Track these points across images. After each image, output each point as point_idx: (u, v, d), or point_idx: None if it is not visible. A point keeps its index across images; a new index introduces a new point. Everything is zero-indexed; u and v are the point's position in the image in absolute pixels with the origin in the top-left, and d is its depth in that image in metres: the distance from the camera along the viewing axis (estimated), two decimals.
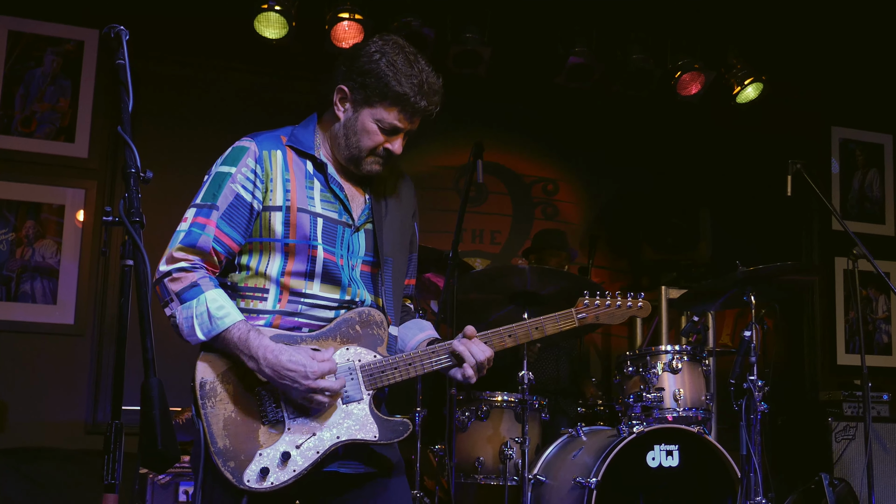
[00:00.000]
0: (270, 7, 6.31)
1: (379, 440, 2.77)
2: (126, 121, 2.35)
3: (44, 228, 6.25)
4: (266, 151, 2.87)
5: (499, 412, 5.19)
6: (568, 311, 3.11)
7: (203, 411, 2.67)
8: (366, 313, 2.87)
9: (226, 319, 2.67)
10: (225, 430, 2.66)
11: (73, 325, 6.23)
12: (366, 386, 2.80)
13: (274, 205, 2.83)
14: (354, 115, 2.90)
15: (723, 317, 7.70)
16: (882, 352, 8.10)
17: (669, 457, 4.88)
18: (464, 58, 6.90)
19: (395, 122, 2.88)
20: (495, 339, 2.96)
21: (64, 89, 6.41)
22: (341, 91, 2.91)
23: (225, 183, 2.82)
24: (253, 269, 2.84)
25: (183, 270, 2.72)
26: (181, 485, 5.06)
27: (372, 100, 2.86)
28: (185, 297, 2.69)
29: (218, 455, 2.62)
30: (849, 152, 8.28)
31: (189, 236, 2.77)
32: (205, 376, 2.71)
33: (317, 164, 2.94)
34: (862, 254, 5.41)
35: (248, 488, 2.61)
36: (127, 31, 2.44)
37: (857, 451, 6.69)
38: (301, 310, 2.82)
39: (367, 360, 2.82)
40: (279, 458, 2.65)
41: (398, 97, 2.84)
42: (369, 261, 2.97)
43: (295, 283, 2.82)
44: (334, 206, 2.92)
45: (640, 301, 3.26)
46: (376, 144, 2.89)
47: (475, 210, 7.29)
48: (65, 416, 6.10)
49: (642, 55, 7.16)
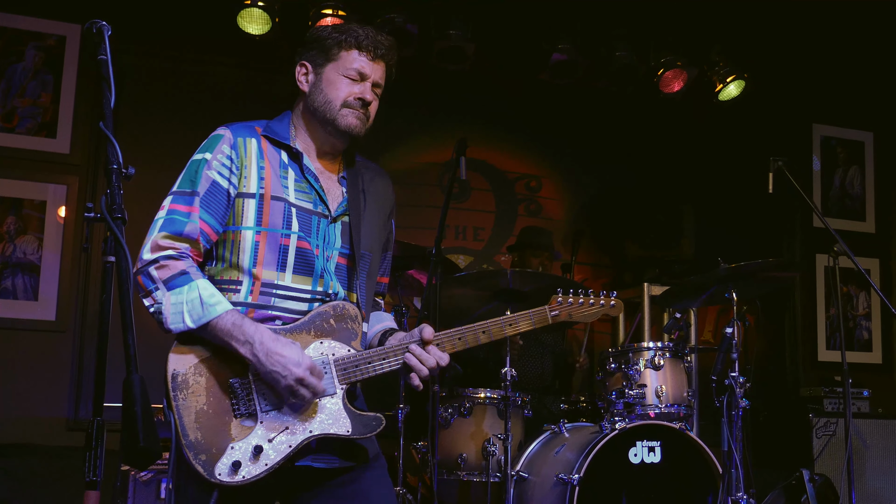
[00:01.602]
0: (254, 3, 6.30)
1: (352, 434, 2.76)
2: (108, 116, 2.35)
3: (25, 224, 6.22)
4: (241, 138, 2.88)
5: (482, 409, 5.20)
6: (542, 308, 3.15)
7: (175, 403, 2.64)
8: (340, 307, 2.87)
9: (217, 307, 2.66)
10: (197, 423, 2.64)
11: (55, 321, 6.21)
12: (339, 380, 2.79)
13: (248, 192, 2.83)
14: (318, 77, 2.97)
15: (705, 313, 7.73)
16: (862, 348, 8.14)
17: (651, 453, 4.90)
18: (448, 54, 6.90)
19: (360, 67, 2.95)
20: (470, 335, 2.96)
21: (46, 84, 6.38)
22: (302, 66, 3.01)
23: (202, 170, 2.82)
24: (227, 259, 2.83)
25: (170, 258, 2.71)
26: (163, 481, 5.04)
27: (330, 53, 2.96)
28: (173, 285, 2.67)
29: (189, 448, 2.60)
30: (830, 149, 8.32)
31: (173, 224, 2.75)
32: (177, 368, 2.68)
33: (292, 154, 2.95)
34: (843, 251, 5.43)
35: (219, 482, 2.59)
36: (109, 27, 2.43)
37: (838, 447, 6.73)
38: (273, 302, 2.80)
39: (341, 355, 2.82)
40: (251, 452, 2.64)
41: (353, 41, 2.94)
42: (345, 253, 2.96)
43: (267, 273, 2.80)
44: (309, 196, 2.92)
45: (612, 300, 3.29)
46: (346, 94, 2.94)
47: (458, 206, 7.29)
48: (46, 413, 6.08)
49: (626, 52, 7.19)
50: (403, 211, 6.93)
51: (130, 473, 5.03)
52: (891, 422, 6.98)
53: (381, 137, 3.07)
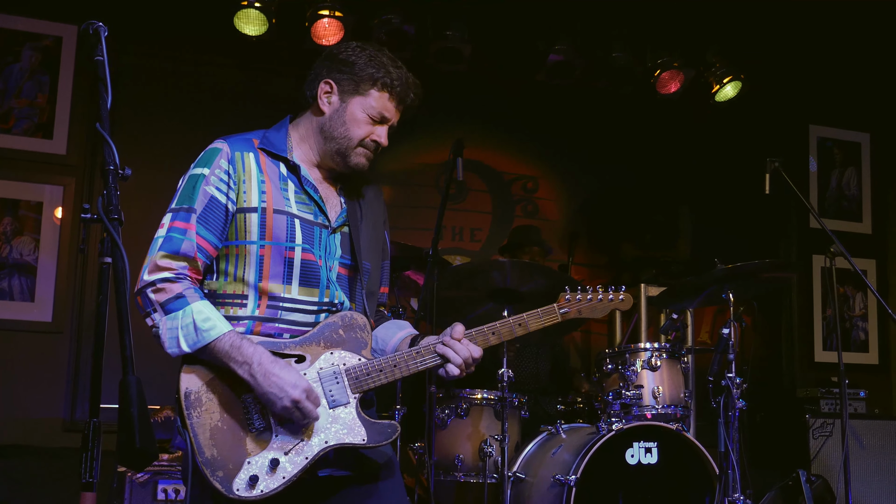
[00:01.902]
0: (250, 3, 6.29)
1: (367, 443, 2.75)
2: (104, 117, 2.34)
3: (21, 225, 6.21)
4: (238, 153, 2.86)
5: (478, 410, 5.20)
6: (550, 306, 3.09)
7: (189, 421, 2.64)
8: (348, 317, 2.86)
9: (213, 332, 2.65)
10: (212, 440, 2.63)
11: (51, 322, 6.20)
12: (352, 389, 2.78)
13: (249, 206, 2.82)
14: (342, 105, 2.93)
15: (701, 314, 7.73)
16: (859, 349, 8.15)
17: (648, 454, 4.90)
18: (445, 54, 6.90)
19: (384, 110, 2.93)
20: (479, 338, 2.94)
21: (42, 85, 6.37)
22: (328, 84, 2.94)
23: (199, 185, 2.80)
24: (231, 274, 2.82)
25: (167, 281, 2.69)
26: (159, 483, 5.04)
27: (361, 87, 2.91)
28: (169, 309, 2.66)
29: (206, 465, 2.60)
30: (826, 150, 8.33)
31: (171, 242, 2.74)
32: (189, 386, 2.69)
33: (290, 167, 2.93)
34: (839, 252, 5.43)
35: (237, 497, 2.59)
36: (105, 28, 2.43)
37: (835, 448, 6.73)
38: (280, 315, 2.80)
39: (352, 364, 2.80)
40: (268, 466, 2.64)
41: (387, 83, 2.91)
42: (346, 263, 2.96)
43: (273, 286, 2.80)
44: (309, 207, 2.91)
45: (620, 294, 3.25)
46: (365, 134, 2.92)
47: (455, 207, 7.29)
48: (43, 414, 6.07)
49: (623, 53, 7.19)
50: (400, 212, 6.95)
51: (127, 475, 5.03)
52: (887, 422, 6.99)
53: None
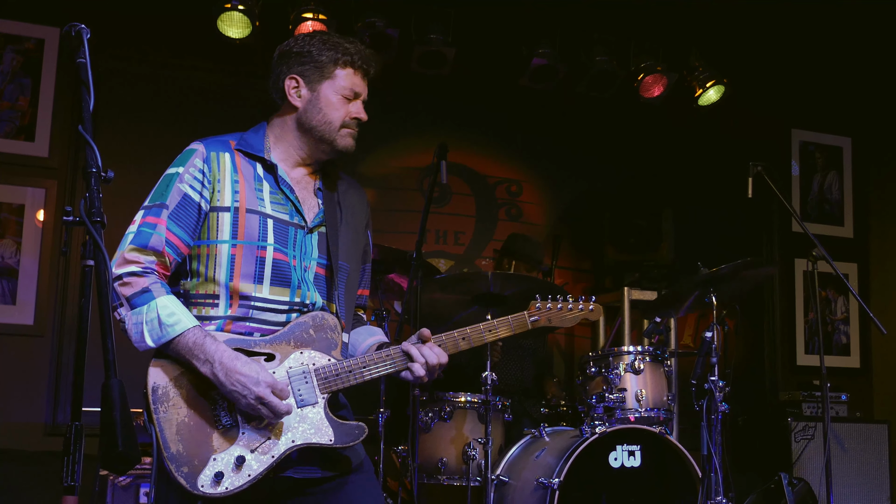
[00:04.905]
0: (234, 6, 6.28)
1: (335, 444, 2.75)
2: (87, 120, 2.34)
3: (3, 228, 6.17)
4: (214, 153, 2.88)
5: (462, 413, 5.20)
6: (521, 314, 3.15)
7: (155, 416, 2.64)
8: (319, 317, 2.87)
9: (176, 327, 2.65)
10: (178, 435, 2.63)
11: (33, 325, 6.16)
12: (321, 389, 2.79)
13: (222, 205, 2.83)
14: (314, 94, 2.98)
15: (684, 318, 7.75)
16: (840, 352, 8.19)
17: (631, 457, 4.91)
18: (428, 58, 6.91)
19: (354, 86, 3.00)
20: (449, 342, 2.96)
21: (24, 88, 6.33)
22: (293, 80, 3.01)
23: (173, 183, 2.82)
24: (203, 274, 2.82)
25: (134, 275, 2.70)
26: (142, 486, 5.02)
27: (326, 71, 2.98)
28: (135, 303, 2.67)
29: (171, 460, 2.60)
30: (808, 154, 8.37)
31: (140, 237, 2.75)
32: (157, 381, 2.69)
33: (266, 167, 2.94)
34: (821, 255, 5.46)
35: (202, 494, 2.58)
36: (88, 30, 2.42)
37: (816, 451, 6.76)
38: (251, 314, 2.80)
39: (322, 364, 2.81)
40: (233, 463, 2.63)
41: (349, 60, 2.99)
42: (323, 264, 2.96)
43: (244, 286, 2.80)
44: (285, 207, 2.92)
45: (591, 304, 3.30)
46: (344, 114, 2.98)
47: (439, 211, 7.28)
48: (24, 418, 6.03)
49: (605, 57, 7.21)
50: (384, 215, 6.95)
51: (109, 478, 5.01)
52: (869, 426, 7.03)
53: (362, 142, 3.08)
